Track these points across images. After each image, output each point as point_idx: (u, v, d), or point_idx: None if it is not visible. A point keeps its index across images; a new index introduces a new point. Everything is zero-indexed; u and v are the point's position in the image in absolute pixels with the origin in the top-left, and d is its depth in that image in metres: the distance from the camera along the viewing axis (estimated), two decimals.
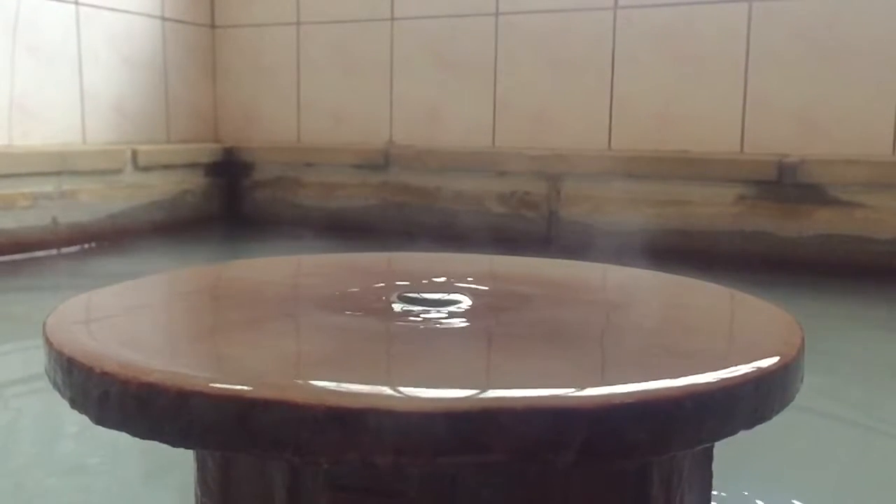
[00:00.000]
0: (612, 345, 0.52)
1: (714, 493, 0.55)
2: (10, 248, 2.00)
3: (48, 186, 2.09)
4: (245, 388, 0.40)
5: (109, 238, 2.24)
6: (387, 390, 0.40)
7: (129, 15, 2.53)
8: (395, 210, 2.43)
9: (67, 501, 0.80)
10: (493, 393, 0.40)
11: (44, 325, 0.51)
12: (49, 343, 0.48)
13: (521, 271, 0.76)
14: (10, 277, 1.88)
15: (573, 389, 0.40)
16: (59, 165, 2.12)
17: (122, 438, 0.43)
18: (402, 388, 0.40)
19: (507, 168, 2.28)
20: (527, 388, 0.41)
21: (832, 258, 1.92)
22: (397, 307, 0.58)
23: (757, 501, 0.79)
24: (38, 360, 0.50)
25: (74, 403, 0.45)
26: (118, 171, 2.29)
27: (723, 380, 0.42)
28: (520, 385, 0.42)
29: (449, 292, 0.62)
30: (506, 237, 2.19)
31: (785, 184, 1.97)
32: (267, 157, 2.64)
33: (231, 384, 0.40)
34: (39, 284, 1.85)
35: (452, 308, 0.58)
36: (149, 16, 2.60)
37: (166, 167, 2.45)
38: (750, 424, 0.44)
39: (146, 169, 2.37)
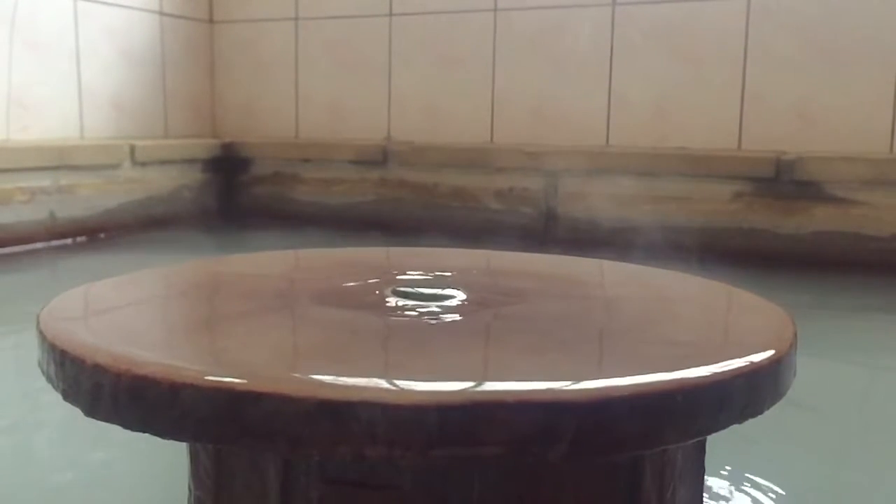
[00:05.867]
0: (605, 339, 0.52)
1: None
2: (7, 242, 1.99)
3: (46, 181, 2.09)
4: (237, 380, 0.40)
5: (107, 233, 2.23)
6: (379, 383, 0.40)
7: (127, 10, 2.53)
8: (392, 206, 2.42)
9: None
10: (485, 386, 0.40)
11: (37, 318, 0.51)
12: (42, 335, 0.48)
13: (516, 267, 0.76)
14: (7, 271, 1.88)
15: (565, 383, 0.41)
16: (57, 160, 2.12)
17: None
18: (394, 381, 0.40)
19: (504, 164, 2.27)
20: (519, 382, 0.41)
21: (829, 255, 1.92)
22: (392, 301, 0.58)
23: (750, 493, 0.79)
24: (32, 356, 0.50)
25: (67, 396, 0.45)
26: (116, 167, 2.29)
27: (715, 374, 0.42)
28: (512, 378, 0.42)
29: (444, 287, 0.62)
30: (503, 233, 2.19)
31: (783, 181, 1.97)
32: (265, 153, 2.63)
33: (223, 377, 0.40)
34: (36, 278, 1.85)
35: (447, 302, 0.58)
36: (147, 11, 2.60)
37: (164, 162, 2.45)
38: (741, 419, 0.44)
39: (144, 164, 2.37)
